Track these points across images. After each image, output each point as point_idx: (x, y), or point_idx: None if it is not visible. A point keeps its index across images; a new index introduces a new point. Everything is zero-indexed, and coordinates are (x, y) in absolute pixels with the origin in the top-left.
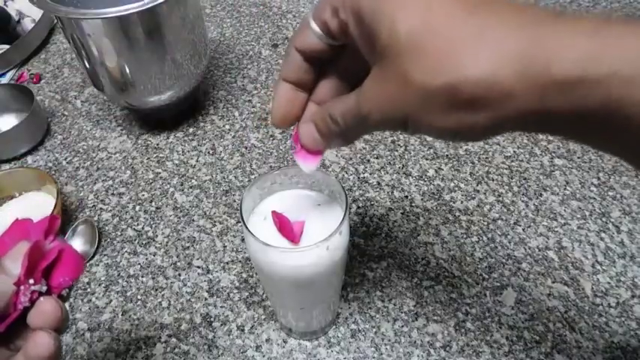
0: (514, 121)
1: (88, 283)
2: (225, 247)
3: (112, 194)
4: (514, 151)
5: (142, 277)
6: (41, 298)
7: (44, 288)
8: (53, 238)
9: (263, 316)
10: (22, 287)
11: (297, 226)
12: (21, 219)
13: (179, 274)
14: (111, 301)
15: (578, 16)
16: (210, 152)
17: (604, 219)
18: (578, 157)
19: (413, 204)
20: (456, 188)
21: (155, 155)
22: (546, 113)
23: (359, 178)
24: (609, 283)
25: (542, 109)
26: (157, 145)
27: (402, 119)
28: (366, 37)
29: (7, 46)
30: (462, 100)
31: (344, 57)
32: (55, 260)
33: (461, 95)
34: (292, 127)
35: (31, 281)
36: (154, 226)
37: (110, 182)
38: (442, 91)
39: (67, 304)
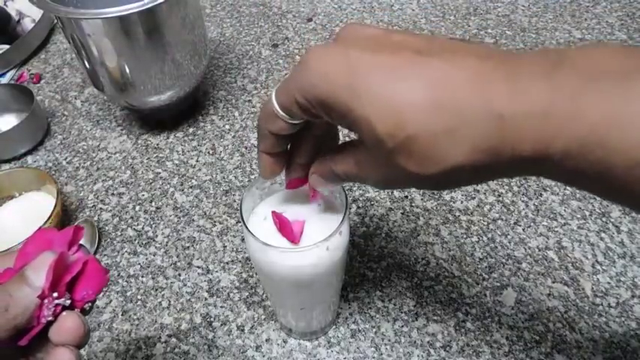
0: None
1: None
2: (225, 247)
3: (112, 194)
4: None
5: (142, 277)
6: (64, 313)
7: (68, 302)
8: (77, 249)
9: (263, 316)
10: (45, 301)
11: (297, 226)
12: (45, 228)
13: (179, 274)
14: (111, 301)
15: (528, 75)
16: (210, 152)
17: (604, 219)
18: None
19: (413, 204)
20: (456, 188)
21: (155, 155)
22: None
23: None
24: (609, 283)
25: (518, 174)
26: (157, 145)
27: (399, 188)
28: (344, 124)
29: (7, 46)
30: (454, 179)
31: (308, 130)
32: (79, 273)
33: (452, 177)
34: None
35: (55, 294)
36: (153, 226)
37: (110, 182)
38: (434, 177)
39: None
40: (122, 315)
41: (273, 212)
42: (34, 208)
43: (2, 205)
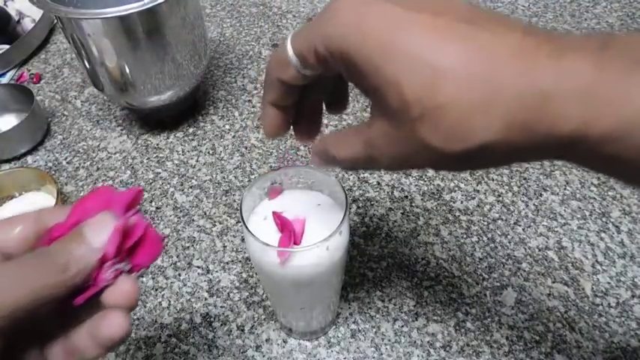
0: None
1: None
2: (225, 247)
3: None
4: None
5: (142, 277)
6: (122, 276)
7: (128, 267)
8: (133, 213)
9: (263, 316)
10: (107, 264)
11: (299, 225)
12: (105, 186)
13: (179, 274)
14: None
15: (576, 49)
16: (210, 152)
17: (604, 219)
18: None
19: (413, 204)
20: (456, 188)
21: (155, 155)
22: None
23: (359, 178)
24: (609, 283)
25: (545, 157)
26: (157, 145)
27: (414, 168)
28: (362, 86)
29: (7, 46)
30: (477, 159)
31: (320, 84)
32: (139, 239)
33: (476, 156)
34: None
35: (117, 259)
36: (153, 226)
37: (110, 182)
38: (459, 155)
39: None
40: None
41: (274, 212)
42: (34, 208)
43: (2, 205)
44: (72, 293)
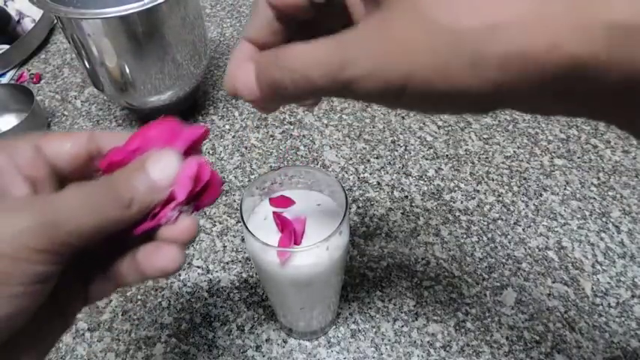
0: (546, 87)
1: None
2: (225, 247)
3: None
4: (514, 151)
5: None
6: (182, 215)
7: (190, 209)
8: (196, 153)
9: (263, 316)
10: (172, 204)
11: (299, 225)
12: (172, 118)
13: (179, 274)
14: (111, 301)
15: None
16: (210, 152)
17: (604, 219)
18: (578, 157)
19: (413, 204)
20: (456, 188)
21: None
22: (592, 71)
23: (359, 178)
24: (609, 283)
25: (589, 66)
26: None
27: (401, 83)
28: None
29: (7, 46)
30: (497, 50)
31: (325, 19)
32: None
33: (498, 43)
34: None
35: (184, 201)
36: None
37: None
38: (475, 37)
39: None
40: (122, 315)
41: (274, 213)
42: None
43: None
44: (131, 224)
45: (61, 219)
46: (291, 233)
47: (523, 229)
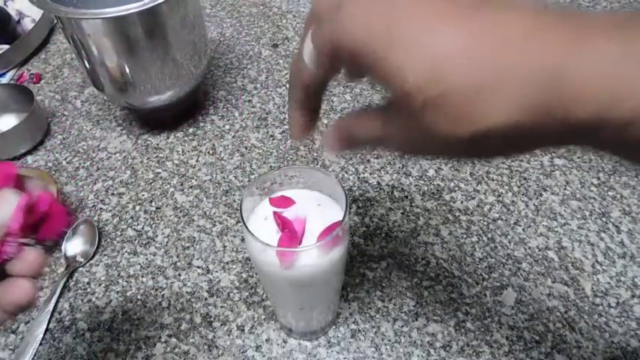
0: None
1: (88, 283)
2: (225, 247)
3: (112, 194)
4: None
5: (142, 277)
6: (27, 248)
7: (32, 241)
8: (23, 185)
9: (263, 316)
10: (10, 238)
11: (300, 225)
12: (3, 161)
13: (179, 274)
14: (111, 301)
15: (602, 31)
16: (210, 152)
17: (604, 219)
18: (578, 157)
19: (413, 204)
20: (456, 188)
21: (155, 155)
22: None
23: (359, 178)
24: (609, 283)
25: (559, 143)
26: (157, 145)
27: (427, 154)
28: (374, 78)
29: (7, 46)
30: (486, 143)
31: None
32: (45, 214)
33: (485, 139)
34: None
35: (21, 234)
36: (153, 226)
37: (110, 182)
38: (467, 139)
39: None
40: (122, 315)
41: (274, 212)
42: None
43: None
44: None
45: None
46: (291, 233)
47: (523, 229)
